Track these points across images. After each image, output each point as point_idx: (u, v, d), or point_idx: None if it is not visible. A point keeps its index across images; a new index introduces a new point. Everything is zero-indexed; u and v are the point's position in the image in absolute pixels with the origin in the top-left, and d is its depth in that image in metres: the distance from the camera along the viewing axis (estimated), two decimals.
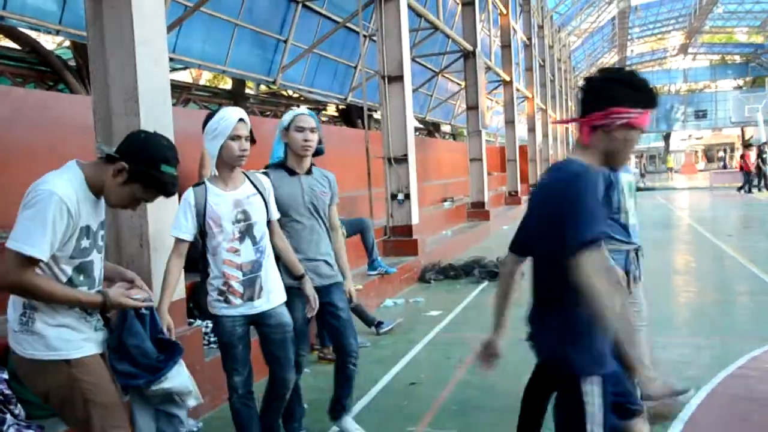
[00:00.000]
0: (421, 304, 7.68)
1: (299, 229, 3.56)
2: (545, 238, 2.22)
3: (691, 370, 4.79)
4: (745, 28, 58.45)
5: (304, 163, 3.60)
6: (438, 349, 5.86)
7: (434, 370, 5.27)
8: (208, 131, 3.10)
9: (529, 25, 26.26)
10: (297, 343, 3.46)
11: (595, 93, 2.25)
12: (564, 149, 43.91)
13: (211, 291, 3.16)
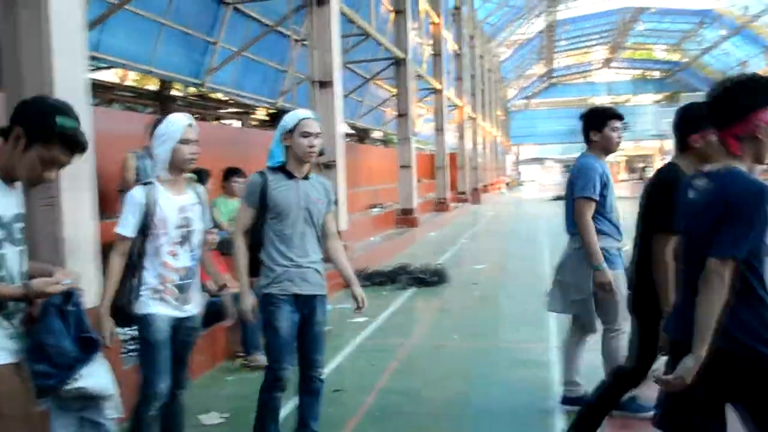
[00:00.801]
0: (348, 311, 7.66)
1: (291, 234, 3.45)
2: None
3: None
4: (664, 45, 61.17)
5: (303, 168, 3.52)
6: (363, 356, 5.88)
7: (359, 376, 5.28)
8: (157, 136, 3.14)
9: (460, 35, 26.71)
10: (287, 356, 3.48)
11: (729, 104, 2.31)
12: (493, 157, 44.80)
13: (144, 290, 3.12)
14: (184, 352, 3.29)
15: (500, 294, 8.72)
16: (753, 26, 47.11)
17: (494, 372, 5.30)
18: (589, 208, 4.02)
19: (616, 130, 4.18)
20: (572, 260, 4.18)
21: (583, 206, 4.02)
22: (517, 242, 14.48)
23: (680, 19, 51.03)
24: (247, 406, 3.92)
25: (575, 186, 4.08)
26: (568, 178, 4.28)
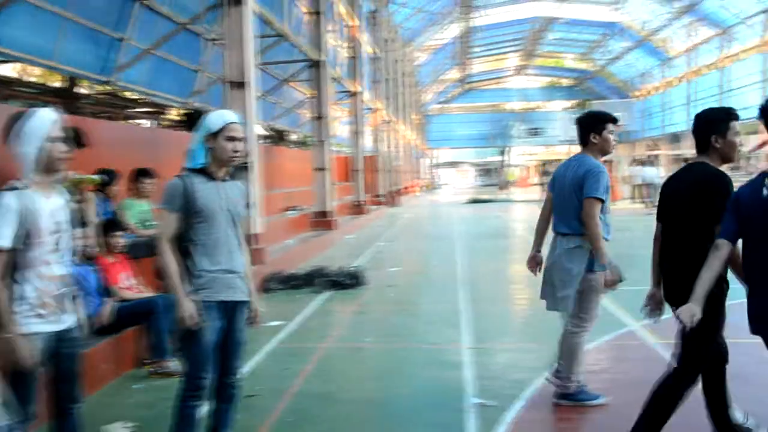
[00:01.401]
0: (261, 315, 7.55)
1: (217, 238, 3.30)
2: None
3: (518, 374, 5.06)
4: (573, 54, 63.51)
5: (223, 170, 3.38)
6: (277, 360, 5.79)
7: (272, 381, 5.19)
8: (18, 134, 2.86)
9: (377, 39, 26.87)
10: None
11: None
12: (409, 160, 45.25)
13: (20, 307, 2.85)
14: (71, 364, 3.08)
15: (416, 296, 8.80)
16: (653, 39, 49.62)
17: (410, 373, 5.32)
18: (598, 208, 4.14)
19: (612, 133, 4.40)
20: (563, 259, 4.28)
21: (594, 206, 4.13)
22: (434, 244, 14.66)
23: (588, 30, 53.10)
24: (156, 414, 3.79)
25: (586, 186, 4.15)
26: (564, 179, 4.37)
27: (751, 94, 37.98)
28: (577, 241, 4.22)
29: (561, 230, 4.36)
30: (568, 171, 4.35)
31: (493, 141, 68.70)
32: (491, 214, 23.95)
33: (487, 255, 12.43)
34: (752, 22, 37.29)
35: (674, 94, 50.98)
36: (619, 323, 6.52)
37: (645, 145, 59.02)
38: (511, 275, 10.57)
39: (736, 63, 40.93)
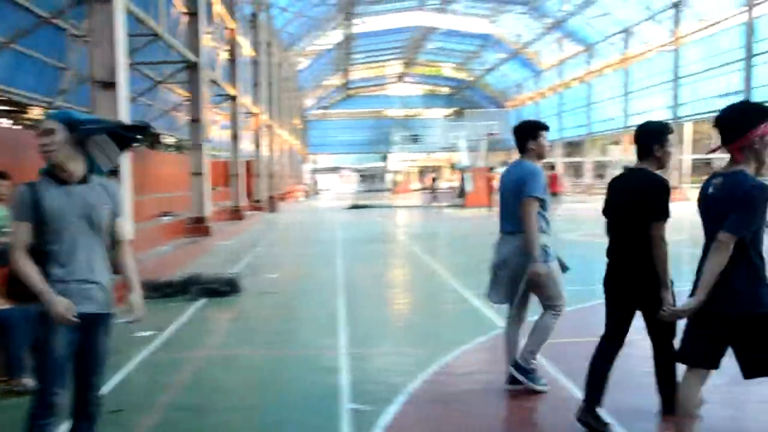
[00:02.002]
0: (131, 325, 7.21)
1: (72, 245, 3.07)
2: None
3: (394, 378, 5.11)
4: (451, 64, 65.46)
5: (72, 171, 3.12)
6: (147, 372, 5.54)
7: (141, 394, 4.97)
8: None
9: (257, 42, 26.49)
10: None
11: (736, 123, 3.20)
12: (290, 165, 44.89)
13: None
14: None
15: (295, 302, 8.72)
16: (525, 52, 52.04)
17: (286, 380, 5.25)
18: (536, 206, 4.51)
19: (545, 139, 4.78)
20: (515, 256, 4.60)
21: (531, 204, 4.49)
22: (314, 250, 14.60)
23: (465, 41, 54.95)
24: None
25: (527, 187, 4.51)
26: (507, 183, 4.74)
27: (612, 107, 40.68)
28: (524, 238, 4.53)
29: (508, 229, 4.71)
30: (510, 176, 4.76)
31: (374, 147, 69.58)
32: (372, 219, 24.18)
33: (367, 260, 12.54)
34: (613, 41, 39.95)
35: (546, 105, 53.68)
36: (491, 324, 6.73)
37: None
38: (390, 280, 10.71)
39: (599, 77, 43.67)
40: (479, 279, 9.94)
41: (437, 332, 6.81)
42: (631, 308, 3.97)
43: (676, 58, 33.16)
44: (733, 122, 3.23)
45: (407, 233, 18.91)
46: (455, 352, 5.78)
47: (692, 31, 32.71)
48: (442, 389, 4.88)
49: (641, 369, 4.81)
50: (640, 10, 35.31)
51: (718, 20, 30.53)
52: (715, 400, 4.33)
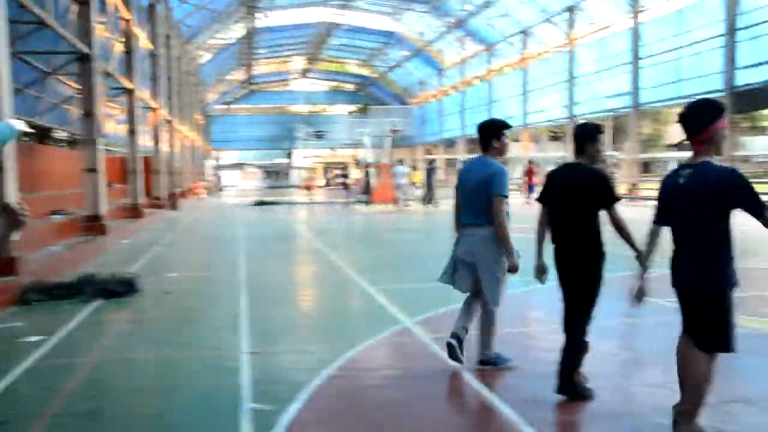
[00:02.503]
0: (17, 330, 6.82)
1: None
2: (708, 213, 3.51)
3: (297, 375, 5.04)
4: (356, 60, 65.57)
5: None
6: (35, 380, 5.23)
7: (29, 403, 4.69)
8: None
9: (155, 34, 25.60)
10: None
11: (698, 118, 3.60)
12: (192, 162, 43.74)
13: None
14: None
15: (196, 302, 8.46)
16: (429, 50, 52.84)
17: (185, 383, 5.10)
18: (505, 204, 4.80)
19: (507, 138, 5.07)
20: (482, 247, 4.86)
21: (502, 203, 4.78)
22: (217, 248, 14.27)
23: (369, 38, 55.17)
24: None
25: (494, 185, 4.78)
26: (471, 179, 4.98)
27: (512, 105, 41.94)
28: (491, 229, 4.80)
29: (472, 221, 4.94)
30: (473, 173, 5.00)
31: (279, 143, 68.83)
32: (278, 216, 23.90)
33: (272, 258, 12.37)
34: (512, 41, 41.18)
35: (449, 102, 54.69)
36: (394, 320, 6.78)
37: (424, 150, 62.67)
38: (295, 278, 10.61)
39: (500, 76, 44.91)
40: (384, 275, 10.08)
41: (341, 329, 6.80)
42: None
43: (571, 59, 34.54)
44: (695, 118, 3.63)
45: (313, 230, 18.81)
46: (359, 348, 5.78)
47: (585, 34, 34.15)
48: (346, 385, 4.87)
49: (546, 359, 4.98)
50: (537, 12, 36.54)
51: (608, 25, 32.00)
52: (603, 385, 4.54)
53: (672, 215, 3.70)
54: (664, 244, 3.80)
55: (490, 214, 4.79)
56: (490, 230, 4.81)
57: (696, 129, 3.59)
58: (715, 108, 3.65)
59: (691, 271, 3.60)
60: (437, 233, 17.43)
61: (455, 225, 5.18)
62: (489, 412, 4.34)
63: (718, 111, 3.62)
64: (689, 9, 26.07)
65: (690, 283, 3.62)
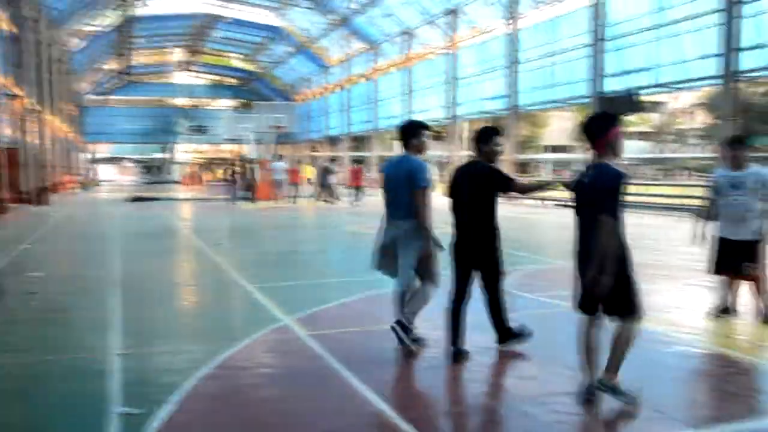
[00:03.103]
0: None
1: None
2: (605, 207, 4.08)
3: (170, 377, 4.89)
4: (239, 54, 64.31)
5: None
6: None
7: None
8: None
9: (19, 17, 24.00)
10: None
11: (597, 126, 4.29)
12: (63, 154, 41.38)
13: None
14: None
15: (62, 303, 7.99)
16: (313, 47, 52.66)
17: (48, 389, 4.82)
18: (428, 195, 5.32)
19: (425, 137, 5.57)
20: (404, 235, 5.36)
21: (425, 194, 5.30)
22: (89, 246, 13.58)
23: (253, 32, 54.25)
24: None
25: (416, 179, 5.28)
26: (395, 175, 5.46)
27: (396, 104, 42.60)
28: (414, 222, 5.29)
29: (398, 214, 5.43)
30: (395, 169, 5.50)
31: (158, 137, 66.35)
32: (157, 212, 23.04)
33: (147, 256, 11.91)
34: (396, 41, 41.78)
35: (332, 100, 54.75)
36: (273, 318, 6.73)
37: (308, 147, 62.47)
38: (172, 276, 10.27)
39: (384, 75, 45.44)
40: (265, 273, 9.97)
41: (218, 328, 6.66)
42: (471, 268, 5.25)
43: (454, 61, 35.48)
44: (594, 127, 4.32)
45: (193, 227, 18.29)
46: (236, 347, 5.69)
47: (466, 38, 35.18)
48: (221, 385, 4.77)
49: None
50: (420, 14, 37.25)
51: (488, 29, 33.12)
52: (476, 378, 4.71)
53: (579, 211, 4.33)
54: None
55: (412, 206, 5.29)
56: (414, 222, 5.30)
57: (595, 135, 4.24)
58: (611, 118, 4.35)
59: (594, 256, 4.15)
60: (320, 230, 17.45)
61: (384, 217, 5.64)
62: (367, 407, 4.39)
63: (613, 120, 4.29)
64: (561, 18, 27.46)
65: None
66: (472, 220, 5.21)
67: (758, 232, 6.18)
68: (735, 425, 3.93)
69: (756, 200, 6.17)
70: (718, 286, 6.56)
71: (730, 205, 6.23)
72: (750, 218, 6.16)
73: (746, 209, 6.16)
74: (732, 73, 19.44)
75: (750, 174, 6.20)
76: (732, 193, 6.22)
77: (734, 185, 6.22)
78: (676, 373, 5.08)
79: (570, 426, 4.00)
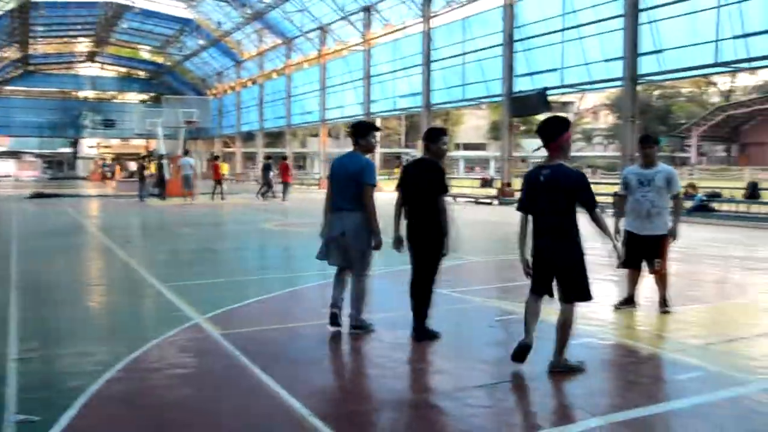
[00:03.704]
0: None
1: None
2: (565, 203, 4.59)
3: (73, 380, 4.66)
4: (149, 47, 62.32)
5: None
6: None
7: None
8: None
9: None
10: None
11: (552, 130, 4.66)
12: None
13: None
14: None
15: None
16: (227, 41, 51.66)
17: None
18: (374, 192, 5.74)
19: (374, 138, 6.03)
20: (354, 228, 5.70)
21: (372, 190, 5.71)
22: None
23: (163, 24, 52.70)
24: None
25: (365, 176, 5.68)
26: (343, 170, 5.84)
27: (311, 100, 42.39)
28: (360, 213, 5.66)
29: (345, 207, 5.75)
30: (344, 166, 5.84)
31: (63, 131, 63.48)
32: (61, 210, 22.00)
33: (51, 255, 11.36)
34: (311, 36, 41.53)
35: (247, 95, 53.93)
36: (184, 318, 6.55)
37: (221, 143, 61.30)
38: (78, 276, 9.82)
39: (299, 71, 45.11)
40: (176, 271, 9.71)
41: (126, 329, 6.42)
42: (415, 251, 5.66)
43: (368, 57, 35.59)
44: (548, 130, 4.66)
45: (100, 225, 17.58)
46: (145, 347, 5.49)
47: (380, 35, 35.36)
48: (128, 387, 4.58)
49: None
50: (335, 10, 37.15)
51: (401, 27, 33.38)
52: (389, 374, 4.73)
53: (534, 205, 4.72)
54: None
55: (359, 200, 5.66)
56: (359, 214, 5.67)
57: (549, 138, 4.64)
58: (564, 122, 4.76)
59: (554, 251, 4.67)
60: (235, 227, 17.14)
61: (327, 209, 5.94)
62: (278, 404, 4.32)
63: (566, 125, 4.73)
64: (474, 18, 28.00)
65: (553, 256, 4.68)
66: (419, 209, 5.60)
67: (664, 228, 6.52)
68: (634, 412, 4.10)
69: (663, 197, 6.52)
70: (626, 279, 6.86)
71: (638, 201, 6.56)
72: (655, 214, 6.49)
73: (653, 206, 6.49)
74: (633, 76, 20.37)
75: (658, 172, 6.55)
76: (640, 189, 6.55)
77: (642, 182, 6.55)
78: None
79: (483, 419, 4.08)
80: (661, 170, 6.57)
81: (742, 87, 73.15)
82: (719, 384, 4.61)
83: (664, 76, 22.17)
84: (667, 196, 6.55)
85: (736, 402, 4.29)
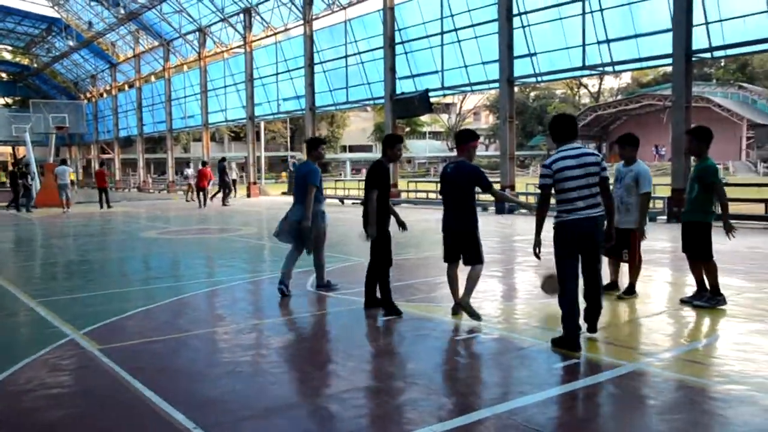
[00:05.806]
0: None
1: None
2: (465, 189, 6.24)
3: None
4: (11, 46, 58.52)
5: None
6: None
7: None
8: None
9: None
10: None
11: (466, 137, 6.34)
12: None
13: None
14: None
15: None
16: (100, 42, 49.31)
17: None
18: (314, 191, 7.57)
19: (323, 149, 8.20)
20: (299, 214, 7.55)
21: (312, 189, 7.56)
22: None
23: (26, 22, 49.67)
24: None
25: (309, 179, 7.58)
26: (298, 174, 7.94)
27: (193, 104, 41.27)
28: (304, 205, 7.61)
29: (297, 200, 7.75)
30: (300, 170, 7.87)
31: None
32: None
33: None
34: (190, 38, 40.39)
35: (124, 99, 51.75)
36: (58, 334, 6.19)
37: (98, 148, 58.49)
38: None
39: (179, 74, 43.75)
40: (49, 286, 9.17)
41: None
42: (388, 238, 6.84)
43: (250, 60, 35.02)
44: (461, 138, 6.35)
45: None
46: (15, 367, 5.14)
47: (262, 37, 34.90)
48: None
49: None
50: (214, 12, 36.32)
51: (282, 29, 33.07)
52: (275, 380, 4.66)
53: (446, 191, 6.31)
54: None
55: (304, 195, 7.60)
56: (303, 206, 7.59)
57: (462, 142, 6.32)
58: (473, 134, 6.42)
59: (456, 222, 6.27)
60: (114, 237, 16.37)
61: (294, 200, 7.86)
62: (160, 418, 4.16)
63: (474, 136, 6.38)
64: (355, 22, 28.18)
65: (457, 228, 6.27)
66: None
67: (631, 223, 7.09)
68: (522, 399, 4.26)
69: (631, 195, 7.12)
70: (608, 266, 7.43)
71: (615, 196, 6.99)
72: (624, 210, 7.12)
73: (621, 201, 7.12)
74: (509, 78, 21.20)
75: (630, 171, 7.18)
76: (616, 185, 7.19)
77: (618, 179, 7.26)
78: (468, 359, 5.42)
79: (372, 419, 4.10)
80: (633, 170, 7.15)
81: (609, 89, 77.96)
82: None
83: (538, 78, 23.21)
84: (635, 194, 7.09)
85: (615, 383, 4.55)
